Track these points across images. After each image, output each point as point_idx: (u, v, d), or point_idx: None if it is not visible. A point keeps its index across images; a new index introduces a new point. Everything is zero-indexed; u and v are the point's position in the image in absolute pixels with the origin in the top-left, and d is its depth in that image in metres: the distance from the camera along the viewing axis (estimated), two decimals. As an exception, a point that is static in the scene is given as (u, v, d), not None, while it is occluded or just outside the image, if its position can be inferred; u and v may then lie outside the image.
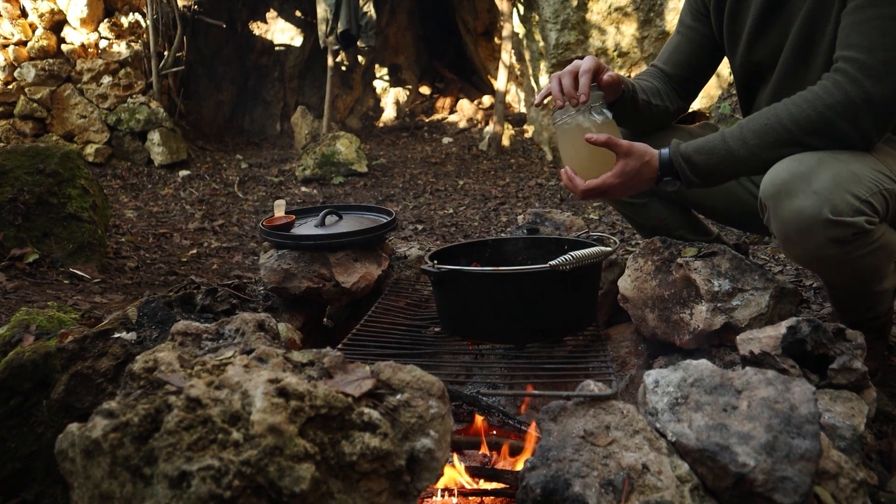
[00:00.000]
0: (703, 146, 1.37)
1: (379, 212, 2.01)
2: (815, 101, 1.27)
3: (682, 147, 1.38)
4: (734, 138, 1.34)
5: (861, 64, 1.25)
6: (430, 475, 0.87)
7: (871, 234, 1.23)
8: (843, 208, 1.20)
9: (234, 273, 3.18)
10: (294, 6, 7.93)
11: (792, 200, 1.24)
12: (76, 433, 0.80)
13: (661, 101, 1.67)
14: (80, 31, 6.08)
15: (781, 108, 1.31)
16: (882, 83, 1.24)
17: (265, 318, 1.24)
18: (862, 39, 1.26)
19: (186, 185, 5.68)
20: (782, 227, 1.27)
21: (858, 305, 1.48)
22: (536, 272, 1.35)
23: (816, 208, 1.20)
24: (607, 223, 3.91)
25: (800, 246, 1.27)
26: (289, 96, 8.16)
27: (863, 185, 1.23)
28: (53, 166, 2.96)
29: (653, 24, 5.93)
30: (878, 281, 1.38)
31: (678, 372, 1.04)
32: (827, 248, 1.23)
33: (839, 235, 1.21)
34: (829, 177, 1.22)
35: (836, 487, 0.95)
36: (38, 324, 1.54)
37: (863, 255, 1.25)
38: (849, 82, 1.25)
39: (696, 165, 1.37)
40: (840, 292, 1.48)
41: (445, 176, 5.99)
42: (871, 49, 1.24)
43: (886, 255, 1.31)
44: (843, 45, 1.29)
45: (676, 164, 1.38)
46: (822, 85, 1.28)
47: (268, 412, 0.78)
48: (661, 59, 1.75)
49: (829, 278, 1.42)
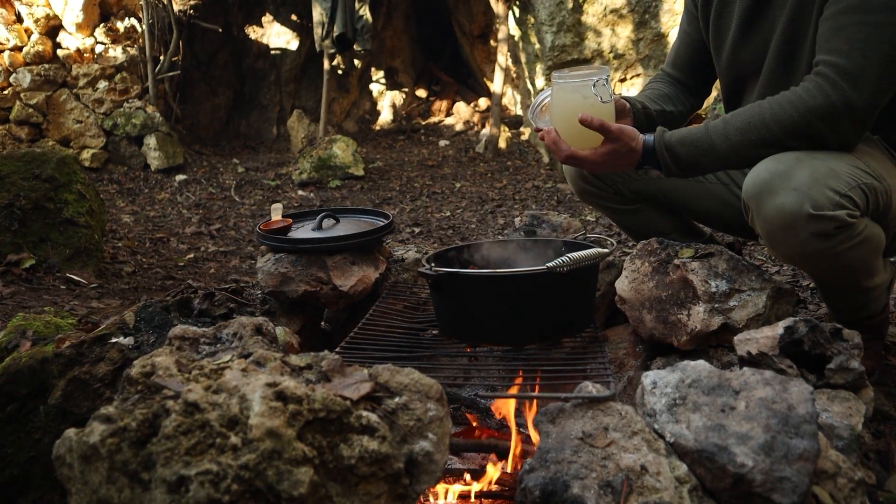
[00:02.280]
0: (686, 137, 1.39)
1: (376, 215, 2.01)
2: (797, 102, 1.30)
3: (666, 136, 1.40)
4: (717, 133, 1.36)
5: (841, 69, 1.27)
6: (428, 478, 0.87)
7: (853, 228, 1.26)
8: (823, 203, 1.22)
9: (231, 277, 3.18)
10: (290, 10, 7.94)
11: (773, 198, 1.26)
12: (74, 438, 0.80)
13: (674, 106, 1.71)
14: (75, 36, 6.07)
15: (766, 107, 1.33)
16: (861, 89, 1.26)
17: (263, 321, 1.24)
18: (842, 44, 1.28)
19: (183, 189, 5.68)
20: (766, 225, 1.30)
21: (852, 304, 1.49)
22: (534, 274, 1.35)
23: (797, 204, 1.23)
24: (604, 225, 3.91)
25: (785, 243, 1.29)
26: (285, 100, 8.16)
27: (841, 180, 1.25)
28: (50, 171, 2.96)
29: (648, 25, 5.95)
30: (867, 276, 1.39)
31: (676, 373, 1.05)
32: (811, 244, 1.25)
33: (822, 230, 1.24)
34: (807, 174, 1.25)
35: (835, 487, 0.95)
36: (35, 329, 1.53)
37: (847, 249, 1.28)
38: (830, 86, 1.27)
39: (678, 156, 1.39)
40: (831, 290, 1.49)
41: (442, 179, 5.99)
42: (851, 54, 1.26)
43: (871, 248, 1.33)
44: (824, 49, 1.31)
45: (659, 153, 1.40)
46: (804, 87, 1.30)
47: (266, 416, 0.78)
48: (668, 63, 1.80)
49: (818, 275, 1.44)
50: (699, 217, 1.82)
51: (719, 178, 1.71)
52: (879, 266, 1.41)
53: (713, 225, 1.85)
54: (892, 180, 1.37)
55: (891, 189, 1.35)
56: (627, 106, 1.60)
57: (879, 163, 1.38)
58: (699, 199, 1.74)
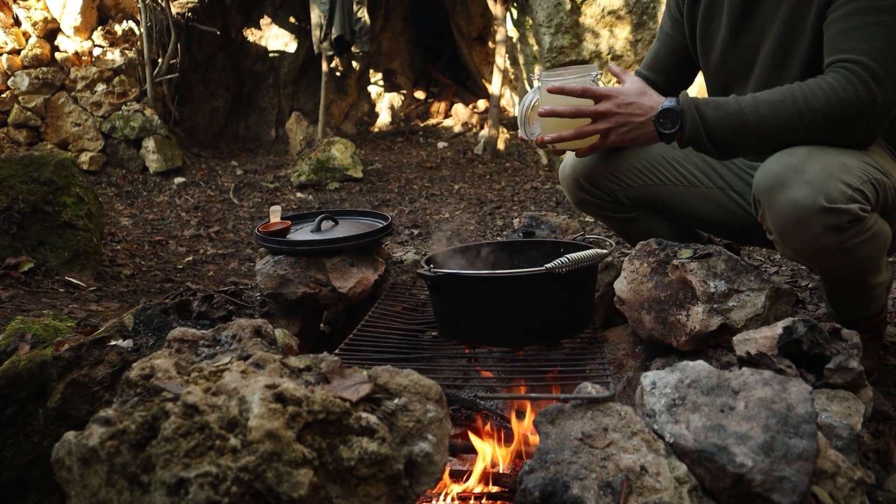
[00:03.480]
0: (714, 101, 1.36)
1: (375, 217, 2.01)
2: (829, 91, 1.28)
3: (694, 98, 1.37)
4: (747, 104, 1.34)
5: (867, 67, 1.26)
6: (428, 479, 0.87)
7: (865, 222, 1.26)
8: (836, 196, 1.22)
9: (230, 279, 3.18)
10: (288, 12, 7.94)
11: (786, 192, 1.26)
12: (73, 441, 0.79)
13: None
14: (73, 39, 6.07)
15: (797, 89, 1.31)
16: (885, 88, 1.26)
17: (262, 323, 1.24)
18: (863, 44, 1.28)
19: (182, 192, 5.67)
20: (779, 219, 1.29)
21: (855, 302, 1.49)
22: (533, 275, 1.35)
23: (811, 197, 1.23)
24: (602, 226, 3.91)
25: (797, 237, 1.28)
26: (283, 102, 8.16)
27: (853, 174, 1.25)
28: (48, 175, 2.96)
29: (646, 27, 5.95)
30: (873, 273, 1.40)
31: (675, 373, 1.05)
32: (824, 238, 1.25)
33: (835, 223, 1.23)
34: (820, 167, 1.24)
35: (834, 487, 0.95)
36: (34, 332, 1.53)
37: (858, 244, 1.28)
38: (860, 82, 1.27)
39: (706, 118, 1.35)
40: (837, 288, 1.49)
41: (441, 180, 5.99)
42: (873, 54, 1.27)
43: (880, 243, 1.34)
44: (841, 49, 1.30)
45: (687, 111, 1.35)
46: (835, 78, 1.29)
47: (265, 418, 0.78)
48: (644, 65, 1.79)
49: (827, 271, 1.43)
50: (698, 223, 1.82)
51: (716, 182, 1.71)
52: (884, 264, 1.42)
53: (712, 230, 1.85)
54: None
55: None
56: None
57: (885, 159, 1.39)
58: (697, 205, 1.73)
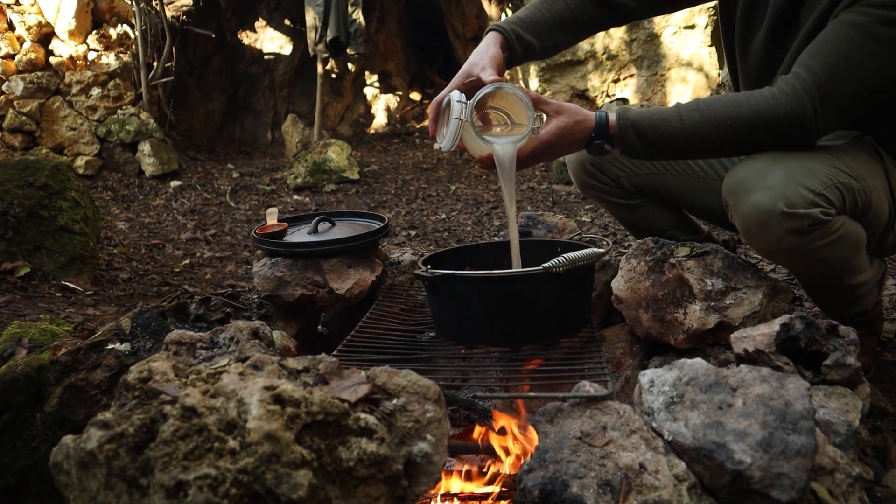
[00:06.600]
0: (649, 112, 1.36)
1: (371, 218, 2.01)
2: (772, 100, 1.30)
3: (628, 111, 1.36)
4: (686, 108, 1.34)
5: (817, 82, 1.27)
6: (427, 479, 0.87)
7: (828, 225, 1.28)
8: (796, 201, 1.25)
9: (227, 282, 3.17)
10: (283, 15, 7.94)
11: (749, 196, 1.29)
12: (71, 445, 0.79)
13: (564, 37, 1.58)
14: (68, 43, 6.06)
15: (742, 98, 1.32)
16: (826, 110, 1.28)
17: (259, 325, 1.24)
18: (827, 58, 1.28)
19: (178, 195, 5.67)
20: (742, 221, 1.33)
21: (837, 300, 1.50)
22: (530, 275, 1.35)
23: (771, 202, 1.26)
24: (600, 225, 3.92)
25: (760, 239, 1.32)
26: (279, 105, 8.15)
27: (816, 178, 1.27)
28: (44, 179, 2.95)
29: (641, 26, 5.96)
30: (849, 274, 1.41)
31: (673, 371, 1.05)
32: (786, 240, 1.28)
33: (795, 227, 1.26)
34: (783, 172, 1.27)
35: (833, 483, 0.95)
36: (31, 337, 1.53)
37: (823, 246, 1.30)
38: (804, 92, 1.28)
39: (640, 128, 1.34)
40: (813, 287, 1.50)
41: (437, 181, 5.99)
42: (827, 74, 1.28)
43: (850, 245, 1.35)
44: (809, 53, 1.31)
45: (622, 125, 1.34)
46: (780, 88, 1.30)
47: (264, 419, 0.78)
48: None
49: (797, 271, 1.45)
50: (699, 212, 1.83)
51: (720, 174, 1.71)
52: (863, 264, 1.42)
53: (713, 220, 1.85)
54: (874, 180, 1.38)
55: (870, 189, 1.36)
56: (499, 62, 1.48)
57: (861, 163, 1.39)
58: (700, 195, 1.74)
